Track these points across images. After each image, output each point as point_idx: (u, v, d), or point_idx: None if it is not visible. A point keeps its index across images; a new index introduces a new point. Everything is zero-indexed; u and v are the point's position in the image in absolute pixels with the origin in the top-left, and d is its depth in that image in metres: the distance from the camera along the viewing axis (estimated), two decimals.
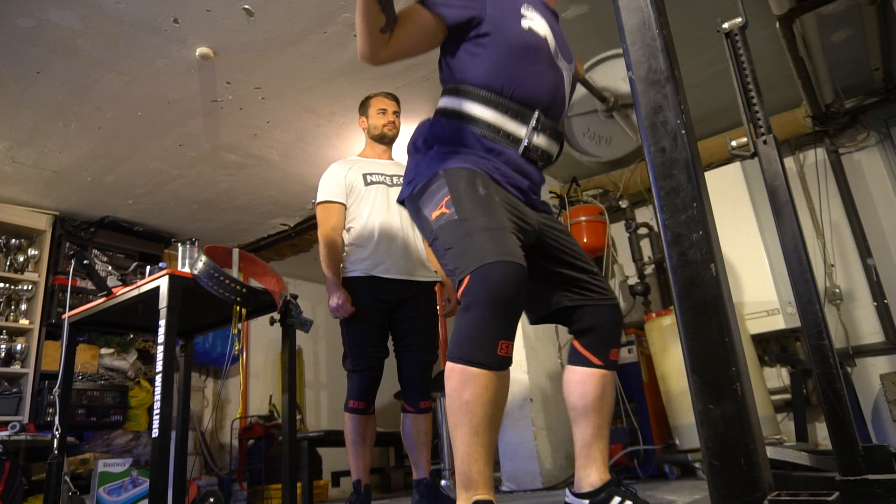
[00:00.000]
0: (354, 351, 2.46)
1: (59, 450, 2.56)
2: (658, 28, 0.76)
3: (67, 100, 3.28)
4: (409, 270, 2.54)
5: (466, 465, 1.22)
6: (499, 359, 1.25)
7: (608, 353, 1.63)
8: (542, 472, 3.37)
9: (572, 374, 1.65)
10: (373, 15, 1.35)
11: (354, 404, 2.47)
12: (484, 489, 1.23)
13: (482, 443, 1.23)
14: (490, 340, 1.25)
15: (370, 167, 2.69)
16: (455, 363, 1.26)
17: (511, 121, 1.50)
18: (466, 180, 1.42)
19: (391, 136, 2.76)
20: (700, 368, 0.67)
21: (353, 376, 2.47)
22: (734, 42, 1.43)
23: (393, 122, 2.75)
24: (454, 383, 1.26)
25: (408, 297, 2.54)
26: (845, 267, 3.85)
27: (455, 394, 1.25)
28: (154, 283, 2.30)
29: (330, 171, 2.68)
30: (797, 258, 1.34)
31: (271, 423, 4.74)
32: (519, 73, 1.50)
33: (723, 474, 0.64)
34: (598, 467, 1.60)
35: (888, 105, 3.81)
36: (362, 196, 2.59)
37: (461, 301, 1.30)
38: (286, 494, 2.45)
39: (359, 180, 2.62)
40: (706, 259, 0.68)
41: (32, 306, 4.24)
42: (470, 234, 1.34)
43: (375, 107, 2.73)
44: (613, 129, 2.33)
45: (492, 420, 1.25)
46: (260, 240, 5.42)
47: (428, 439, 2.55)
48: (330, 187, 2.61)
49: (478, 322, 1.25)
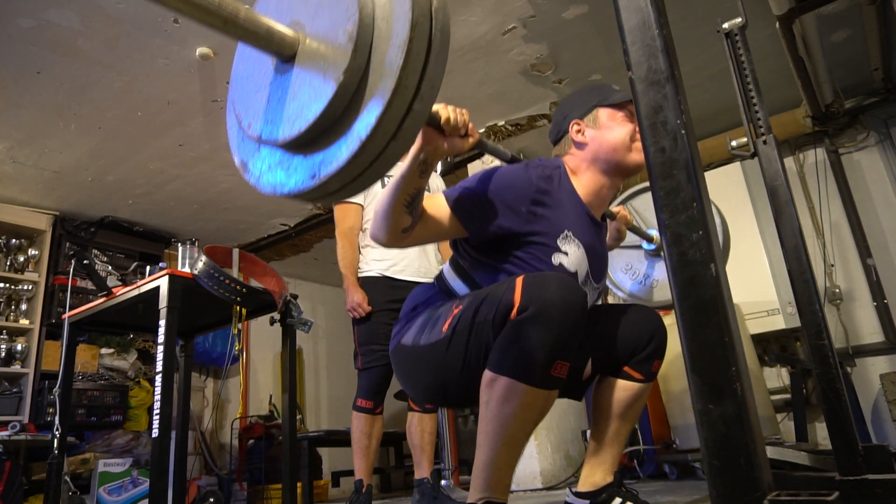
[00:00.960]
0: (364, 349, 2.47)
1: (59, 450, 2.57)
2: (658, 28, 0.76)
3: (67, 100, 3.28)
4: (423, 272, 2.56)
5: (489, 471, 1.20)
6: (550, 379, 1.17)
7: (651, 367, 1.57)
8: (542, 472, 3.37)
9: (607, 381, 1.59)
10: (398, 218, 1.24)
11: (363, 403, 2.47)
12: (500, 494, 1.21)
13: (511, 455, 1.20)
14: (545, 358, 1.15)
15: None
16: (501, 375, 1.18)
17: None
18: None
19: None
20: (700, 368, 0.67)
21: (363, 374, 2.47)
22: (734, 42, 1.43)
23: None
24: (497, 393, 1.18)
25: None
26: (845, 267, 3.85)
27: (495, 405, 1.17)
28: (154, 283, 2.30)
29: None
30: (797, 258, 1.34)
31: (271, 423, 4.74)
32: None
33: (723, 474, 0.64)
34: (604, 469, 1.59)
35: (888, 105, 3.81)
36: (378, 197, 2.60)
37: (516, 317, 1.19)
38: (286, 494, 2.45)
39: (377, 182, 2.62)
40: (706, 259, 0.69)
41: (32, 306, 4.23)
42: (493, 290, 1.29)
43: None
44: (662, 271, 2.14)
45: (527, 436, 1.22)
46: (260, 240, 5.42)
47: (432, 439, 2.55)
48: None
49: (535, 337, 1.16)
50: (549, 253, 1.38)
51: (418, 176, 1.19)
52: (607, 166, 1.49)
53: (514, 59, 3.29)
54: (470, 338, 1.26)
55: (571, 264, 1.41)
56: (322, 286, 6.46)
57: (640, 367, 1.56)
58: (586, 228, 1.46)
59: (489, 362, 1.21)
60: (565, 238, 1.40)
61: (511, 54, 3.25)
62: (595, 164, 1.50)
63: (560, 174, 1.47)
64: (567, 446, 3.72)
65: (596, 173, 1.50)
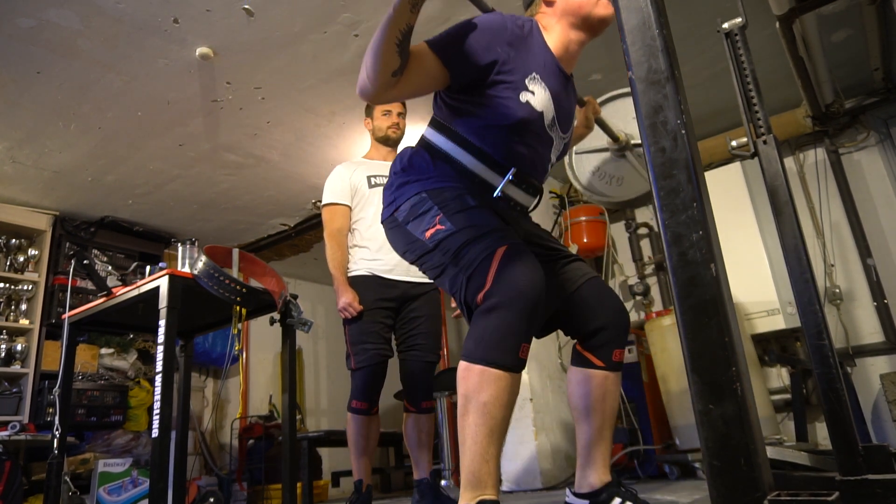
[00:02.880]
0: (356, 349, 2.46)
1: (59, 450, 2.56)
2: (658, 28, 0.76)
3: (67, 100, 3.28)
4: (413, 272, 2.54)
5: (477, 465, 1.22)
6: (519, 361, 1.26)
7: (611, 355, 1.62)
8: (542, 472, 3.37)
9: (573, 375, 1.64)
10: (389, 58, 1.29)
11: (357, 404, 2.46)
12: (492, 490, 1.23)
13: (496, 444, 1.24)
14: (514, 343, 1.25)
15: (374, 169, 2.70)
16: (475, 364, 1.26)
17: (489, 171, 1.51)
18: (453, 196, 1.44)
19: (395, 137, 2.76)
20: (700, 368, 0.67)
21: (356, 375, 2.46)
22: (734, 42, 1.43)
23: (397, 123, 2.75)
24: (473, 384, 1.25)
25: (415, 295, 2.56)
26: (845, 267, 3.85)
27: (473, 394, 1.24)
28: (154, 283, 2.30)
29: (335, 174, 2.70)
30: (797, 258, 1.34)
31: (271, 423, 4.74)
32: (505, 140, 1.50)
33: (723, 474, 0.64)
34: (598, 469, 1.60)
35: (888, 105, 3.81)
36: (367, 198, 2.61)
37: (482, 303, 1.29)
38: (286, 494, 2.45)
39: (363, 182, 2.63)
40: (706, 259, 0.68)
41: (32, 306, 4.24)
42: (477, 240, 1.35)
43: (380, 108, 2.74)
44: (625, 168, 2.28)
45: (507, 422, 1.27)
46: (260, 240, 5.42)
47: (430, 439, 2.55)
48: (335, 189, 2.64)
49: (502, 324, 1.25)
50: (517, 91, 1.46)
51: (409, 10, 1.24)
52: (576, 20, 1.56)
53: None
54: (448, 266, 1.40)
55: (538, 103, 1.49)
56: (322, 286, 6.46)
57: (599, 352, 1.60)
58: (554, 78, 1.55)
59: (462, 355, 1.29)
60: (533, 79, 1.48)
61: None
62: (564, 18, 1.56)
63: (533, 27, 1.56)
64: (567, 446, 3.72)
65: (565, 28, 1.57)
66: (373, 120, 2.77)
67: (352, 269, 2.56)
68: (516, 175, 1.52)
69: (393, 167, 1.59)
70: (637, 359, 3.85)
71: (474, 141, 1.50)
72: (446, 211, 1.42)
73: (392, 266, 2.51)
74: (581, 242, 4.25)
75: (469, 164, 1.50)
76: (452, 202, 1.43)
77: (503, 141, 1.50)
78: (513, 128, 1.48)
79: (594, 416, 1.60)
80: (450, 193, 1.45)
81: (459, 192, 1.45)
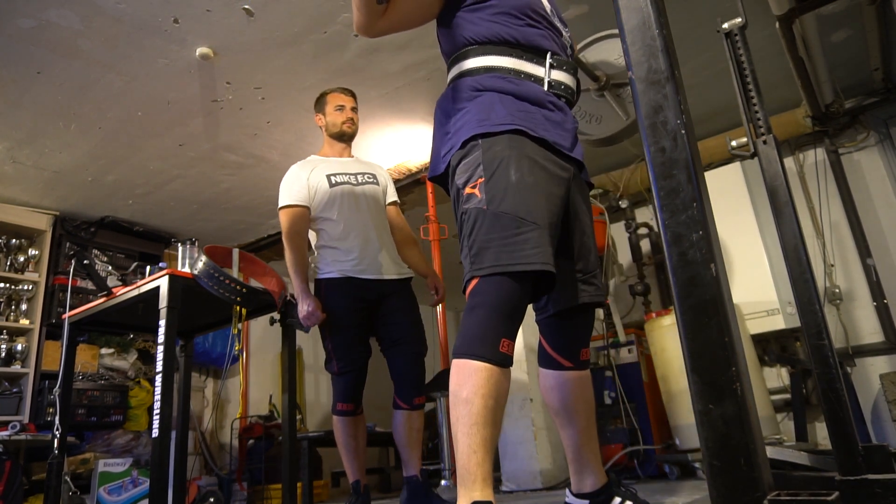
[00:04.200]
0: (339, 353, 2.41)
1: (59, 450, 2.57)
2: (658, 28, 0.76)
3: (67, 100, 3.28)
4: (385, 270, 2.50)
5: (465, 457, 1.22)
6: (500, 355, 1.28)
7: (578, 354, 1.61)
8: (542, 472, 3.37)
9: (547, 380, 1.63)
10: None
11: (343, 407, 2.43)
12: (482, 485, 1.21)
13: (482, 435, 1.23)
14: (492, 337, 1.28)
15: (332, 167, 2.62)
16: (458, 359, 1.29)
17: (528, 63, 1.48)
18: (503, 160, 1.36)
19: (350, 133, 2.69)
20: (700, 368, 0.67)
21: (340, 379, 2.42)
22: (734, 42, 1.43)
23: (352, 118, 2.67)
24: (457, 379, 1.28)
25: (387, 293, 2.50)
26: (845, 267, 3.85)
27: (457, 388, 1.27)
28: (154, 283, 2.30)
29: (290, 175, 2.61)
30: (797, 258, 1.34)
31: (271, 423, 4.74)
32: (521, 27, 1.50)
33: (723, 474, 0.64)
34: (592, 470, 1.59)
35: (888, 105, 3.81)
36: (329, 198, 2.53)
37: (468, 299, 1.32)
38: (286, 494, 2.45)
39: (322, 182, 2.55)
40: (706, 259, 0.69)
41: (32, 306, 4.24)
42: (491, 232, 1.32)
43: (333, 103, 2.66)
44: (604, 108, 2.34)
45: (492, 412, 1.25)
46: (260, 240, 5.42)
47: (420, 437, 2.49)
48: (292, 191, 2.54)
49: (482, 322, 1.29)
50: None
51: None
52: None
53: None
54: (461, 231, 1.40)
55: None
56: None
57: (565, 353, 1.60)
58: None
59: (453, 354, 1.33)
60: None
61: None
62: None
63: None
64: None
65: None
66: (325, 116, 2.69)
67: (323, 270, 2.48)
68: (554, 57, 1.49)
69: (437, 117, 1.54)
70: (637, 359, 3.85)
71: (500, 37, 1.47)
72: (488, 175, 1.36)
73: (365, 266, 2.46)
74: None
75: (509, 63, 1.46)
76: (501, 168, 1.36)
77: (520, 27, 1.49)
78: (522, 13, 1.49)
79: (577, 417, 1.58)
80: (502, 148, 1.38)
81: (511, 155, 1.37)
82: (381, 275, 2.49)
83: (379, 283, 2.48)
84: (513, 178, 1.35)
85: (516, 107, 1.43)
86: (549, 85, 1.49)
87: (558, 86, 1.50)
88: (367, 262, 2.47)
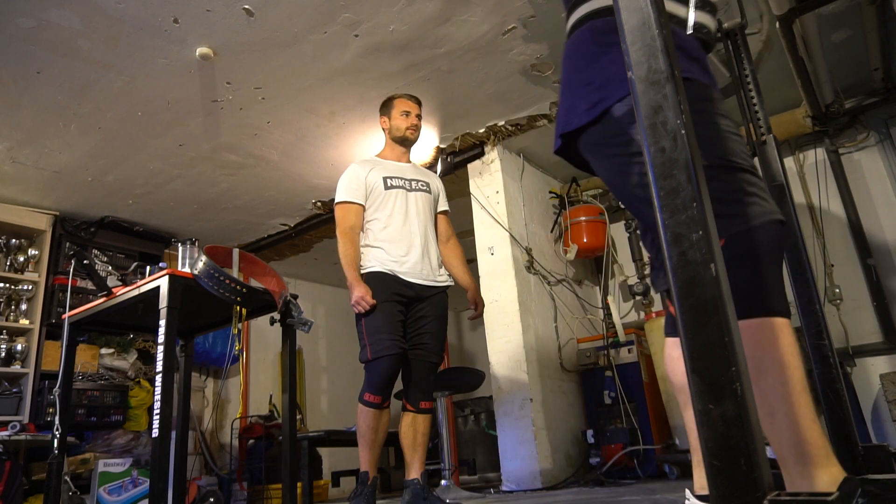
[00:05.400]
0: (373, 339, 2.41)
1: (59, 450, 2.56)
2: (658, 28, 0.76)
3: (67, 100, 3.28)
4: (426, 275, 2.56)
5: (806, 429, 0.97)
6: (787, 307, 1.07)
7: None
8: (542, 472, 3.37)
9: (674, 349, 1.37)
10: None
11: (370, 398, 2.41)
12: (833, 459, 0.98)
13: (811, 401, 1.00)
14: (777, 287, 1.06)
15: (390, 170, 2.68)
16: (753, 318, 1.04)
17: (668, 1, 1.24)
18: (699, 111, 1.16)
19: (413, 139, 2.75)
20: (700, 368, 0.67)
21: (372, 366, 2.40)
22: (734, 42, 1.43)
23: (416, 125, 2.74)
24: (757, 339, 1.03)
25: (425, 296, 2.56)
26: (845, 267, 3.85)
27: (762, 352, 1.02)
28: (154, 283, 2.30)
29: (350, 172, 2.67)
30: (797, 258, 1.34)
31: (271, 423, 4.74)
32: None
33: (723, 474, 0.64)
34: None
35: (888, 105, 3.81)
36: (382, 200, 2.60)
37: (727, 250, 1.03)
38: (286, 494, 2.45)
39: (379, 183, 2.62)
40: (706, 259, 0.69)
41: (32, 306, 4.24)
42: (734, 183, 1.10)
43: (399, 108, 2.72)
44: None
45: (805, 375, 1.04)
46: (260, 240, 5.42)
47: (424, 441, 2.53)
48: (349, 188, 2.62)
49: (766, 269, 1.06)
50: None
51: None
52: None
53: (514, 59, 3.29)
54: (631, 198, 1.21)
55: None
56: (322, 286, 6.46)
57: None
58: None
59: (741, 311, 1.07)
60: None
61: (511, 54, 3.25)
62: None
63: None
64: (567, 446, 3.72)
65: None
66: (390, 119, 2.74)
67: (366, 265, 2.53)
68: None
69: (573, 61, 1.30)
70: (637, 359, 3.85)
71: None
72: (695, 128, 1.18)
73: (407, 269, 2.52)
74: (581, 242, 4.26)
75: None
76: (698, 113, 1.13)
77: None
78: None
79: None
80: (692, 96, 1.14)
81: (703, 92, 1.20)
82: (422, 279, 2.55)
83: (419, 286, 2.55)
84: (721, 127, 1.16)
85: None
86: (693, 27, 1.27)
87: (700, 29, 1.29)
88: (409, 266, 2.53)
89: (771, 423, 1.00)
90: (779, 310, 1.04)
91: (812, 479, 0.96)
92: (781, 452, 1.00)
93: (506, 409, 3.57)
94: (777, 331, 1.03)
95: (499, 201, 3.95)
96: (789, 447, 0.98)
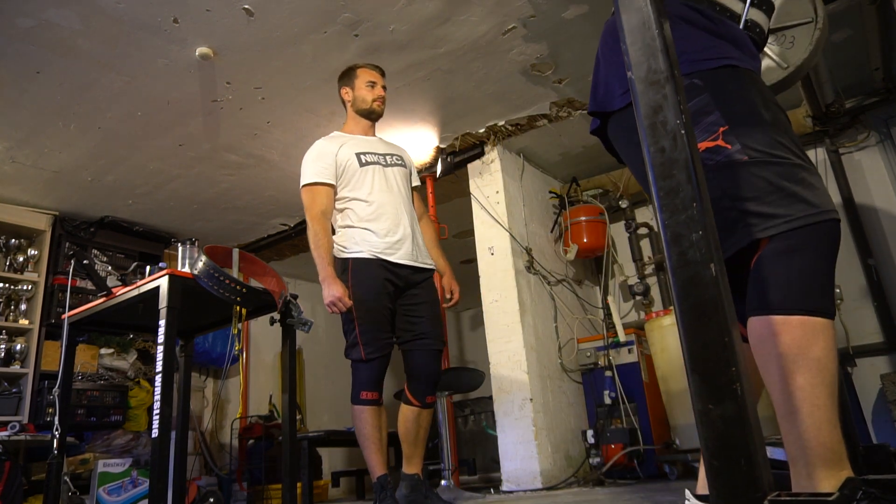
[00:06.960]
0: (367, 338, 2.31)
1: (58, 450, 2.56)
2: (658, 28, 0.76)
3: (67, 100, 3.28)
4: (415, 256, 2.46)
5: (825, 433, 0.97)
6: (834, 309, 1.06)
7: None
8: (542, 472, 3.37)
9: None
10: None
11: (369, 395, 2.32)
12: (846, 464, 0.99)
13: (836, 406, 0.99)
14: (829, 288, 1.04)
15: (361, 145, 2.53)
16: (793, 315, 1.02)
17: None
18: (742, 99, 1.12)
19: (379, 112, 2.60)
20: (700, 368, 0.67)
21: (365, 366, 2.32)
22: None
23: (383, 97, 2.59)
24: (796, 337, 1.00)
25: (415, 282, 2.45)
26: (845, 267, 3.85)
27: (800, 350, 0.99)
28: (154, 283, 2.30)
29: (317, 149, 2.48)
30: None
31: (271, 423, 4.74)
32: None
33: (723, 474, 0.64)
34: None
35: (888, 105, 3.81)
36: (358, 177, 2.45)
37: (782, 243, 1.05)
38: (286, 494, 2.45)
39: (353, 160, 2.46)
40: (706, 259, 0.69)
41: (32, 306, 4.23)
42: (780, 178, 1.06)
43: (364, 78, 2.56)
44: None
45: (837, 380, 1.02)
46: (260, 240, 5.42)
47: (426, 436, 2.46)
48: (318, 168, 2.44)
49: (814, 268, 1.03)
50: None
51: None
52: None
53: (514, 59, 3.29)
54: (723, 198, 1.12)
55: None
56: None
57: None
58: None
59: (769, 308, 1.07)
60: None
61: (511, 54, 3.25)
62: None
63: None
64: (567, 446, 3.72)
65: None
66: (353, 90, 2.57)
67: (351, 249, 2.40)
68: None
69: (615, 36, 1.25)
70: (637, 359, 3.85)
71: None
72: (732, 120, 1.09)
73: (397, 249, 2.40)
74: (581, 242, 4.25)
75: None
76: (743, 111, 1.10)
77: None
78: None
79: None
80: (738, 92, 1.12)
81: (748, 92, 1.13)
82: (413, 261, 2.43)
83: (409, 269, 2.43)
84: (764, 116, 1.11)
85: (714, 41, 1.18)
86: (746, 24, 1.23)
87: (754, 27, 1.24)
88: (398, 245, 2.40)
89: (790, 421, 0.99)
90: (823, 310, 1.02)
91: (821, 481, 0.96)
92: (794, 452, 0.99)
93: (506, 409, 3.57)
94: (819, 331, 1.01)
95: (499, 201, 3.95)
96: (805, 448, 0.97)
